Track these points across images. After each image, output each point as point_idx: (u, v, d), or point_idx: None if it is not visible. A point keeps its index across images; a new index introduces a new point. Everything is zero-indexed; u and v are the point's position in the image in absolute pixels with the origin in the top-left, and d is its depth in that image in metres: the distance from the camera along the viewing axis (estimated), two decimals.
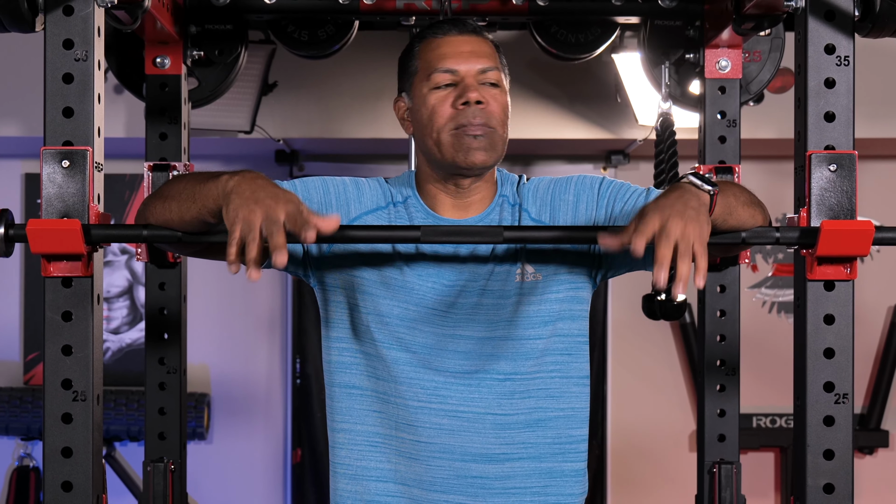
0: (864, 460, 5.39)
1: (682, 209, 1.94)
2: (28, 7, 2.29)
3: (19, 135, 4.67)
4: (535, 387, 2.25)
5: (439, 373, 2.22)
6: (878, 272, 5.27)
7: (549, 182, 2.35)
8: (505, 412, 2.23)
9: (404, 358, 2.23)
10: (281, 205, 1.92)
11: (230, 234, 1.91)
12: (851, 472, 2.25)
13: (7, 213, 2.17)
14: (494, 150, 2.23)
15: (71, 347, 2.18)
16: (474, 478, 2.23)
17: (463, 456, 2.23)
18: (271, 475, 5.42)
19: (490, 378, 2.23)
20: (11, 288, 5.35)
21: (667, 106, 3.30)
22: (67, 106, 2.19)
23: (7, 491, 5.17)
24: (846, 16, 2.24)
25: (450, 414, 2.22)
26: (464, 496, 2.23)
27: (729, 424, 3.16)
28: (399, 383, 2.23)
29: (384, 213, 2.31)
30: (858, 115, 2.27)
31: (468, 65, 2.24)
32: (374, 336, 2.24)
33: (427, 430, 2.22)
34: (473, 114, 2.20)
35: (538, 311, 2.26)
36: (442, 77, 2.24)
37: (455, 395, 2.22)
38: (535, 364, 2.25)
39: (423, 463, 2.23)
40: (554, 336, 2.27)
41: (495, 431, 2.23)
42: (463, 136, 2.21)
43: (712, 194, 2.01)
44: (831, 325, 2.24)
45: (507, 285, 2.25)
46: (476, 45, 2.27)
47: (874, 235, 2.16)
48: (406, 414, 2.23)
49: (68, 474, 2.18)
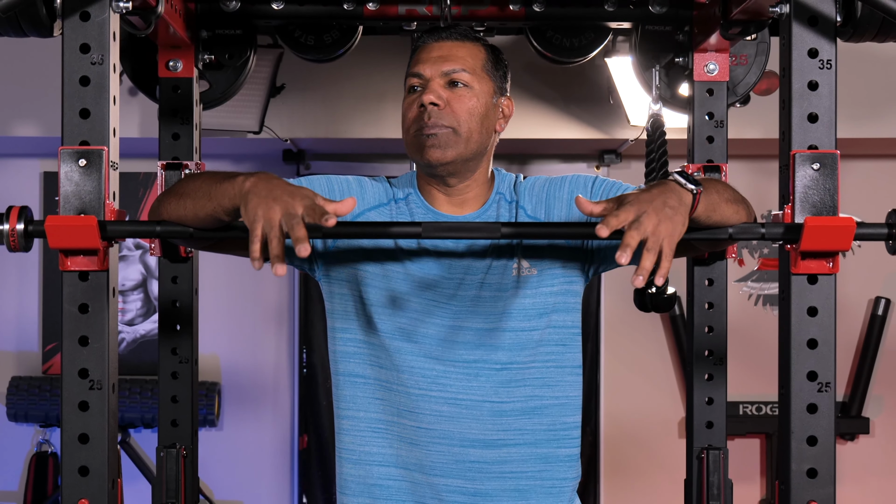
0: (845, 446, 5.39)
1: (660, 206, 1.94)
2: (46, 13, 2.29)
3: (38, 135, 4.67)
4: (530, 376, 2.27)
5: (440, 362, 2.24)
6: (859, 266, 5.27)
7: (544, 181, 2.37)
8: (502, 400, 2.25)
9: (406, 348, 2.24)
10: (298, 200, 1.93)
11: (252, 233, 1.91)
12: (833, 458, 2.25)
13: (26, 210, 2.17)
14: (452, 147, 2.25)
15: (87, 338, 2.19)
16: (472, 462, 2.24)
17: (462, 441, 2.24)
18: (279, 460, 5.42)
19: (488, 367, 2.24)
20: (30, 281, 5.34)
21: (657, 107, 3.30)
22: (84, 107, 2.19)
23: (27, 475, 5.17)
24: (829, 21, 2.24)
25: (449, 401, 2.23)
26: (462, 480, 2.24)
27: (716, 412, 3.16)
28: (401, 372, 2.24)
29: (386, 209, 2.34)
30: (840, 116, 2.26)
31: (434, 68, 2.28)
32: (378, 327, 2.25)
33: (427, 416, 2.23)
34: (428, 115, 2.24)
35: (533, 303, 2.27)
36: (412, 81, 2.30)
37: (454, 383, 2.23)
38: (531, 354, 2.26)
39: (423, 448, 2.24)
40: (549, 327, 2.28)
41: (493, 418, 2.24)
42: (419, 137, 2.26)
43: (695, 193, 2.01)
44: (814, 317, 2.24)
45: (504, 279, 2.26)
46: (449, 50, 2.30)
47: (855, 231, 2.17)
48: (408, 401, 2.24)
49: (85, 459, 2.18)
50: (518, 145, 4.98)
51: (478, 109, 2.28)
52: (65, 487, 2.19)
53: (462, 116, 2.26)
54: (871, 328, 5.33)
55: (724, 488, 3.11)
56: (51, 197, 5.27)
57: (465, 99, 2.27)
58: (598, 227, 1.91)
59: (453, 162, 2.26)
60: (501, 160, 2.20)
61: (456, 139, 2.25)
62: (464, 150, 2.26)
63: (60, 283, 2.19)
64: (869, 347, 5.33)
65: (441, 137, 2.24)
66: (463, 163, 2.28)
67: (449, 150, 2.24)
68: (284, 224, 1.89)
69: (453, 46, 2.30)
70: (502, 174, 2.39)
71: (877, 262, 5.31)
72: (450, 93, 2.26)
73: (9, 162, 5.28)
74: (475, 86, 2.28)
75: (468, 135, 2.26)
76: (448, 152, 2.24)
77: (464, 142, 2.26)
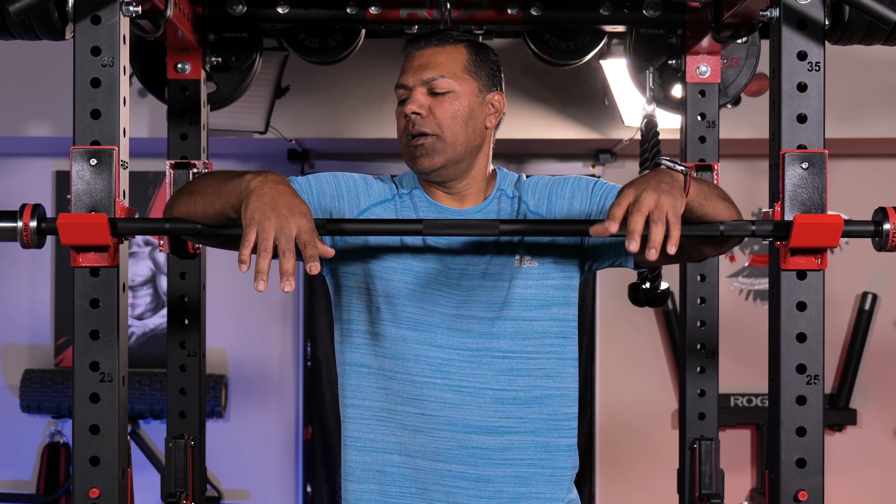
0: (833, 437, 5.40)
1: (657, 184, 1.95)
2: (59, 17, 2.29)
3: (50, 135, 4.66)
4: (533, 366, 2.27)
5: (444, 349, 2.24)
6: (847, 262, 5.27)
7: (547, 180, 2.38)
8: (504, 388, 2.25)
9: (411, 336, 2.25)
10: (294, 219, 1.93)
11: (244, 236, 1.93)
12: (822, 448, 2.25)
13: (39, 208, 2.17)
14: (439, 154, 2.26)
15: (98, 332, 2.19)
16: (475, 448, 2.24)
17: (465, 428, 2.24)
18: (284, 450, 5.43)
19: (491, 355, 2.25)
20: (43, 277, 5.34)
21: (651, 108, 3.30)
22: (95, 108, 2.19)
23: (39, 465, 5.18)
24: (817, 25, 2.23)
25: (453, 388, 2.24)
26: (465, 465, 2.24)
27: (708, 403, 3.16)
28: (406, 360, 2.25)
29: (391, 204, 2.35)
30: (829, 117, 2.27)
31: (415, 77, 2.29)
32: (384, 316, 2.26)
33: (432, 403, 2.24)
34: (412, 124, 2.26)
35: (535, 294, 2.28)
36: (399, 92, 2.32)
37: (458, 370, 2.24)
38: (534, 344, 2.27)
39: (427, 435, 2.24)
40: (551, 320, 2.29)
41: (495, 406, 2.25)
42: (409, 147, 2.28)
43: (685, 174, 2.01)
44: (803, 312, 2.24)
45: (505, 269, 2.28)
46: (427, 58, 2.30)
47: (843, 228, 2.17)
48: (412, 389, 2.24)
49: (96, 450, 2.18)
50: (516, 145, 4.98)
51: (461, 112, 2.28)
52: (76, 476, 2.19)
53: (445, 122, 2.26)
54: (859, 322, 5.34)
55: (716, 477, 3.11)
56: (63, 195, 5.27)
57: (447, 104, 2.27)
58: (606, 223, 1.91)
59: (444, 167, 2.27)
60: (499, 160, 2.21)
61: (442, 145, 2.26)
62: (451, 154, 2.27)
63: (72, 278, 2.19)
64: (856, 341, 5.33)
65: (427, 146, 2.25)
66: (454, 165, 2.28)
67: (437, 157, 2.25)
68: (277, 241, 1.91)
69: (433, 53, 2.30)
70: (504, 172, 2.40)
71: (864, 259, 5.31)
72: (432, 100, 2.27)
73: (22, 161, 5.28)
74: (456, 88, 2.28)
75: (453, 139, 2.27)
76: (436, 159, 2.25)
77: (450, 146, 2.26)
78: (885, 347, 5.40)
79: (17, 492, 5.24)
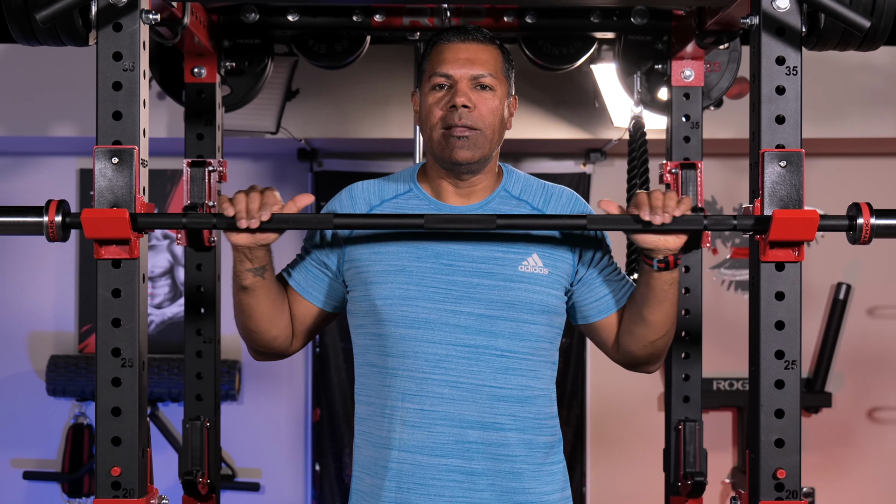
0: (810, 418, 5.40)
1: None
2: (82, 24, 2.30)
3: (74, 135, 4.66)
4: (526, 367, 2.26)
5: (442, 345, 2.22)
6: (822, 255, 5.27)
7: (570, 196, 2.38)
8: (499, 385, 2.23)
9: (411, 334, 2.22)
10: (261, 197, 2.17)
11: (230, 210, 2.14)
12: (799, 429, 2.26)
13: (64, 204, 2.18)
14: (479, 149, 2.23)
15: (120, 320, 2.19)
16: (471, 443, 2.22)
17: (461, 423, 2.22)
18: (294, 432, 5.43)
19: (488, 353, 2.23)
20: (68, 269, 5.34)
21: (638, 110, 3.30)
22: (117, 110, 2.19)
23: (64, 445, 5.18)
24: (794, 32, 2.24)
25: (451, 384, 2.22)
26: (461, 460, 2.22)
27: (692, 387, 3.16)
28: (406, 357, 2.23)
29: (389, 204, 2.32)
30: (805, 118, 2.27)
31: (462, 70, 2.24)
32: (384, 317, 2.24)
33: (430, 398, 2.22)
34: (459, 116, 2.21)
35: (540, 300, 2.26)
36: (438, 80, 2.25)
37: (456, 367, 2.22)
38: (529, 347, 2.26)
39: (425, 430, 2.22)
40: (548, 325, 2.28)
41: (490, 403, 2.23)
42: (449, 137, 2.22)
43: None
44: (782, 301, 2.25)
45: (507, 270, 2.25)
46: (474, 53, 2.26)
47: (819, 223, 2.17)
48: (412, 385, 2.22)
49: (117, 431, 2.19)
50: (511, 145, 4.97)
51: (499, 110, 2.27)
52: (99, 456, 2.20)
53: (488, 119, 2.24)
54: (833, 311, 5.33)
55: (700, 457, 3.12)
56: (86, 192, 5.26)
57: (490, 101, 2.25)
58: (641, 212, 2.13)
59: (478, 161, 2.25)
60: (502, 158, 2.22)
61: (483, 140, 2.23)
62: (487, 150, 2.25)
63: (95, 270, 2.20)
64: (831, 328, 5.33)
65: (471, 139, 2.22)
66: (483, 161, 2.27)
67: (476, 151, 2.23)
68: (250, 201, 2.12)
69: (479, 49, 2.27)
70: (511, 172, 2.38)
71: (838, 251, 5.29)
72: (477, 95, 2.24)
73: (48, 160, 5.28)
74: (497, 88, 2.27)
75: (492, 135, 2.25)
76: (476, 153, 2.23)
77: (488, 142, 2.25)
78: (859, 334, 5.40)
79: (44, 470, 5.24)
